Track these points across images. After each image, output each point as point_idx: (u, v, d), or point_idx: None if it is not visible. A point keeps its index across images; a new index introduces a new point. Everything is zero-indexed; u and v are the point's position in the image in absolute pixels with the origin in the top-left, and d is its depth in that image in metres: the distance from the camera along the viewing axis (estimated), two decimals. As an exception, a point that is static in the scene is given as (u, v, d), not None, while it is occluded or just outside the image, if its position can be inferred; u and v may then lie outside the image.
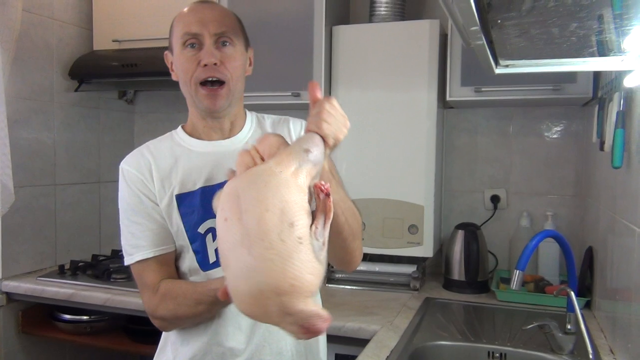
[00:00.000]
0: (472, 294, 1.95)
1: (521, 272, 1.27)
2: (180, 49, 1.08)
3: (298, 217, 0.67)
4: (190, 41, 1.07)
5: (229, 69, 1.08)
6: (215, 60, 1.06)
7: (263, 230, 0.65)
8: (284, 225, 0.66)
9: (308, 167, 0.73)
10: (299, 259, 0.65)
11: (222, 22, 1.08)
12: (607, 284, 1.54)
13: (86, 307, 2.00)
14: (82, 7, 2.42)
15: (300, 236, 0.66)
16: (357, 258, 1.11)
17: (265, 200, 0.66)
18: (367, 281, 2.05)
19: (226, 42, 1.08)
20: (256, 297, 0.65)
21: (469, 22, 0.77)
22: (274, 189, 0.68)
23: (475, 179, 2.23)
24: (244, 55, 1.13)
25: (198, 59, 1.06)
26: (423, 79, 1.92)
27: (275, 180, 0.69)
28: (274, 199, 0.67)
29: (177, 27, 1.10)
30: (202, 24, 1.06)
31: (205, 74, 1.06)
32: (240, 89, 1.14)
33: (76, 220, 2.42)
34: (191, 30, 1.06)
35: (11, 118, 1.98)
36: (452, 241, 2.02)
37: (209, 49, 1.06)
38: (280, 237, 0.65)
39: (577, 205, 2.08)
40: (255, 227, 0.65)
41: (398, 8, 2.04)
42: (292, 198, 0.68)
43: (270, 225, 0.65)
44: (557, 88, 1.78)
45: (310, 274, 0.66)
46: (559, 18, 0.77)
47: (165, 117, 2.68)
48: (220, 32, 1.07)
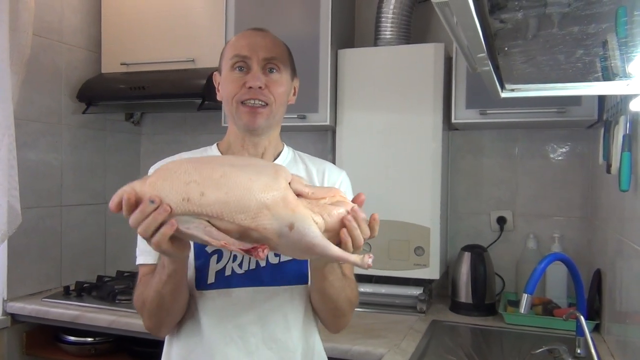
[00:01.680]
0: (480, 316, 1.93)
1: (530, 296, 1.26)
2: (229, 70, 1.11)
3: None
4: (238, 64, 1.09)
5: (273, 94, 1.10)
6: (260, 84, 1.08)
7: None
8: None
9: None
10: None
11: (271, 49, 1.11)
12: (616, 307, 1.53)
13: (91, 328, 1.99)
14: (91, 31, 2.45)
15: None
16: (341, 327, 1.17)
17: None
18: (373, 303, 2.03)
19: (273, 69, 1.11)
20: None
21: (475, 49, 0.78)
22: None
23: (481, 200, 2.22)
24: (289, 83, 1.15)
25: (244, 81, 1.08)
26: (428, 102, 1.93)
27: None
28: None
29: (229, 50, 1.13)
30: (252, 48, 1.09)
31: (248, 95, 1.08)
32: (281, 115, 1.15)
33: (82, 241, 2.42)
34: (241, 52, 1.09)
35: (19, 140, 2.00)
36: (459, 263, 2.01)
37: (256, 73, 1.08)
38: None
39: (584, 227, 2.07)
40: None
41: (403, 32, 2.07)
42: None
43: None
44: (562, 111, 1.79)
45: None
46: (566, 45, 0.78)
47: (172, 139, 2.70)
48: (269, 58, 1.09)
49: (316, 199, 0.83)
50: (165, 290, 1.00)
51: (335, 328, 1.17)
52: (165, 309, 1.04)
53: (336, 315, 1.13)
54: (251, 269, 1.08)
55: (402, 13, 2.05)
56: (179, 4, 2.34)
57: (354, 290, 1.14)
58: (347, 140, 2.04)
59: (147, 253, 1.10)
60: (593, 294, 1.77)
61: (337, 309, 1.10)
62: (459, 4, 0.59)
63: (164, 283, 0.99)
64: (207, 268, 1.08)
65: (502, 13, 0.68)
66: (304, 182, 0.86)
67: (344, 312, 1.12)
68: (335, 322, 1.16)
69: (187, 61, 2.27)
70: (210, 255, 1.08)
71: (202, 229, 0.79)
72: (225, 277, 1.07)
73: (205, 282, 1.08)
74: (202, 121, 2.60)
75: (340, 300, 1.08)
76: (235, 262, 1.08)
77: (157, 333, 1.12)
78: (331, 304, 1.09)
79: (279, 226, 0.79)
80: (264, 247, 0.80)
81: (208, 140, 1.27)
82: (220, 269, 1.07)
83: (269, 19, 2.07)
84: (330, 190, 0.86)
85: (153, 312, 1.06)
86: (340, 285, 1.06)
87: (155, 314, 1.06)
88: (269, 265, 1.09)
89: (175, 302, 1.04)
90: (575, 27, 0.72)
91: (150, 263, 1.09)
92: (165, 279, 0.98)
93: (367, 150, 2.00)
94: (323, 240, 0.80)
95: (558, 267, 1.85)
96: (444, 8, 0.66)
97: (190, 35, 2.30)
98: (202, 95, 2.12)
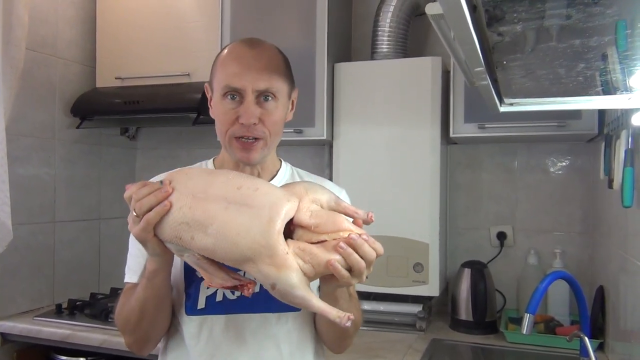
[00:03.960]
0: (480, 334, 1.89)
1: (532, 316, 1.22)
2: (220, 98, 1.03)
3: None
4: (230, 93, 1.02)
5: (267, 126, 1.03)
6: (254, 121, 1.00)
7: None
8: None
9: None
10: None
11: (266, 77, 1.01)
12: (620, 326, 1.49)
13: (83, 348, 1.94)
14: (85, 45, 2.44)
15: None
16: (344, 349, 1.16)
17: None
18: (371, 321, 1.99)
19: (268, 97, 1.02)
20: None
21: (473, 63, 0.75)
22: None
23: (481, 215, 2.19)
24: (285, 106, 1.07)
25: (237, 114, 1.01)
26: (426, 116, 1.91)
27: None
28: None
29: (220, 73, 1.04)
30: (245, 78, 1.00)
31: (241, 132, 1.02)
32: (277, 141, 1.09)
33: (75, 257, 2.38)
34: (232, 84, 1.01)
35: (11, 155, 1.97)
36: (459, 280, 1.97)
37: (249, 107, 1.00)
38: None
39: (586, 243, 2.04)
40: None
41: (400, 45, 2.05)
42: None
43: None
44: (561, 124, 1.76)
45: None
46: (566, 59, 0.76)
47: (167, 154, 2.67)
48: (263, 90, 1.01)
49: (319, 233, 0.82)
50: (147, 295, 0.98)
51: (339, 349, 1.16)
52: (147, 318, 1.01)
53: (342, 337, 1.12)
54: (244, 295, 1.04)
55: (398, 26, 2.04)
56: (174, 18, 2.32)
57: (358, 309, 1.11)
58: (344, 155, 2.02)
59: (135, 272, 1.07)
60: (596, 312, 1.73)
61: (345, 330, 1.06)
62: (455, 17, 0.57)
63: (145, 288, 0.97)
64: (197, 293, 1.04)
65: (500, 26, 0.66)
66: (311, 208, 0.84)
67: (350, 333, 1.11)
68: (340, 344, 1.15)
69: (182, 75, 2.25)
70: (201, 279, 1.03)
71: (195, 261, 0.84)
72: (216, 303, 1.03)
73: (195, 307, 1.04)
74: (198, 136, 2.57)
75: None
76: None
77: (140, 350, 1.08)
78: (340, 327, 1.05)
79: (263, 281, 0.82)
80: (251, 284, 0.85)
81: (204, 154, 1.25)
82: (211, 294, 1.04)
83: (265, 33, 2.03)
84: (336, 223, 0.83)
85: (134, 324, 1.02)
86: (348, 306, 1.01)
87: (137, 326, 1.02)
88: (263, 291, 1.05)
89: (157, 311, 1.01)
90: (577, 40, 0.69)
91: (135, 282, 1.06)
92: (145, 283, 0.97)
93: (365, 164, 1.97)
94: (304, 297, 0.81)
95: (560, 283, 1.81)
96: (439, 20, 0.63)
97: (185, 49, 2.28)
98: (198, 110, 2.10)
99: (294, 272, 0.79)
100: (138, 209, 0.86)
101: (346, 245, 0.80)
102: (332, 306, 0.86)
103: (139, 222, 0.86)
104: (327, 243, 0.81)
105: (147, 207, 0.86)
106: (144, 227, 0.86)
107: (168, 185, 0.86)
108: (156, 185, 0.87)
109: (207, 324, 1.03)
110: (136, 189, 0.88)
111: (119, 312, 1.06)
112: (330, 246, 0.81)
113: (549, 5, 0.62)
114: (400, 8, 2.03)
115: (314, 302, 0.81)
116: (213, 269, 0.85)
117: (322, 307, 0.82)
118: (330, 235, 0.82)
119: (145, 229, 0.86)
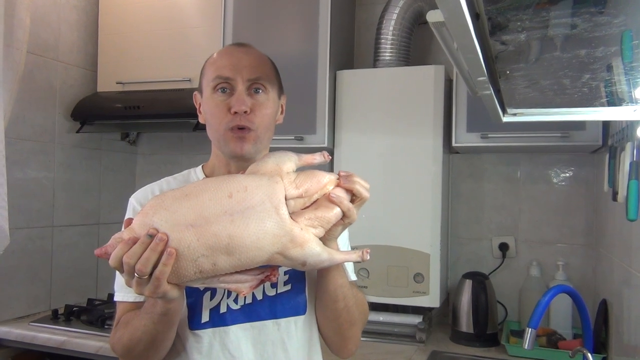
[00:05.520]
0: (481, 347, 1.86)
1: (534, 331, 1.20)
2: (211, 92, 1.03)
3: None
4: (221, 85, 1.02)
5: (258, 117, 1.02)
6: (246, 108, 1.00)
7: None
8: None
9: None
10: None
11: (256, 68, 1.03)
12: (624, 340, 1.46)
13: (78, 355, 1.92)
14: (87, 49, 2.43)
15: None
16: (351, 346, 1.11)
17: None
18: (370, 332, 1.96)
19: (259, 89, 1.03)
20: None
21: (476, 72, 0.73)
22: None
23: (483, 226, 2.16)
24: (275, 103, 1.08)
25: (228, 106, 1.01)
26: (428, 125, 1.89)
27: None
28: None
29: (210, 69, 1.05)
30: (235, 68, 1.02)
31: (234, 122, 1.01)
32: (268, 138, 1.08)
33: (73, 262, 2.36)
34: (223, 74, 1.02)
35: (10, 158, 1.96)
36: (460, 291, 1.94)
37: (240, 96, 1.01)
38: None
39: (589, 255, 2.01)
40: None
41: (403, 53, 2.03)
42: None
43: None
44: (565, 135, 1.74)
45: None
46: (571, 69, 0.74)
47: (168, 159, 2.66)
48: (254, 78, 1.02)
49: (309, 196, 0.88)
50: (159, 328, 0.92)
51: (344, 349, 1.11)
52: (154, 349, 0.97)
53: (350, 322, 1.06)
54: (247, 303, 1.02)
55: (401, 34, 2.02)
56: (176, 23, 2.31)
57: (362, 298, 1.10)
58: (345, 163, 2.00)
59: (128, 290, 1.00)
60: (599, 326, 1.70)
61: (349, 313, 1.04)
62: (457, 24, 0.55)
63: (156, 323, 0.91)
64: (200, 306, 1.01)
65: (503, 34, 0.64)
66: (292, 179, 0.88)
67: (354, 320, 1.06)
68: (345, 335, 1.08)
69: (183, 80, 2.24)
70: (203, 292, 1.01)
71: (217, 283, 0.83)
72: (220, 315, 1.01)
73: (199, 321, 1.00)
74: (198, 141, 2.56)
75: (350, 306, 1.03)
76: (230, 298, 1.01)
77: None
78: (345, 311, 1.03)
79: (292, 264, 0.86)
80: (274, 271, 0.85)
81: (204, 160, 1.23)
82: (214, 307, 1.01)
83: (267, 39, 2.05)
84: (318, 181, 0.89)
85: (138, 353, 0.97)
86: (349, 288, 1.03)
87: (141, 355, 0.97)
88: (266, 297, 1.03)
89: (166, 340, 0.97)
90: (582, 50, 0.68)
91: (131, 301, 1.02)
92: (157, 319, 0.90)
93: (366, 173, 1.92)
94: (330, 257, 0.87)
95: (563, 296, 1.78)
96: (441, 28, 0.61)
97: (186, 54, 2.27)
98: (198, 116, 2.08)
99: (314, 242, 0.85)
100: (141, 271, 0.77)
101: (336, 195, 0.89)
102: (340, 274, 0.98)
103: (148, 283, 0.79)
104: (321, 201, 0.88)
105: (151, 265, 0.78)
106: (157, 285, 0.79)
107: (157, 232, 0.77)
108: (145, 239, 0.78)
109: (212, 338, 1.01)
110: (123, 251, 0.79)
111: (119, 340, 0.99)
112: (325, 201, 0.88)
113: (554, 14, 0.60)
114: (404, 16, 2.02)
115: (337, 258, 0.89)
116: (234, 279, 0.83)
117: (344, 257, 0.91)
118: (319, 193, 0.89)
119: (159, 286, 0.79)
